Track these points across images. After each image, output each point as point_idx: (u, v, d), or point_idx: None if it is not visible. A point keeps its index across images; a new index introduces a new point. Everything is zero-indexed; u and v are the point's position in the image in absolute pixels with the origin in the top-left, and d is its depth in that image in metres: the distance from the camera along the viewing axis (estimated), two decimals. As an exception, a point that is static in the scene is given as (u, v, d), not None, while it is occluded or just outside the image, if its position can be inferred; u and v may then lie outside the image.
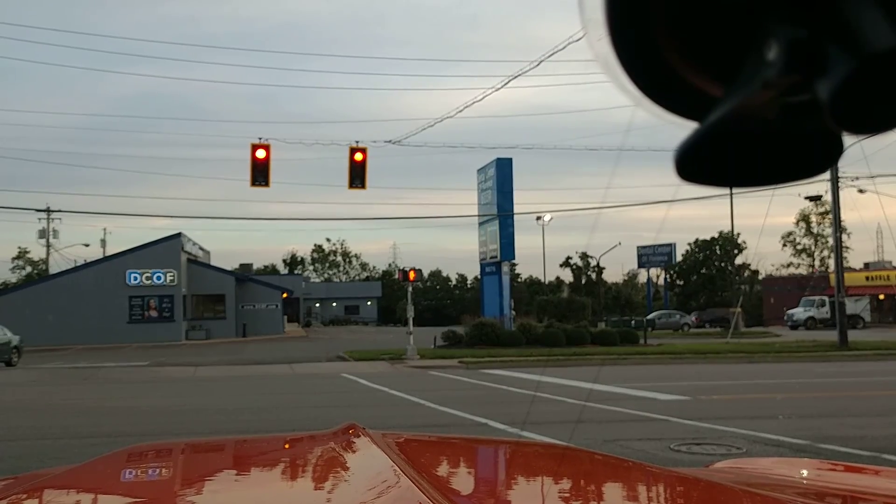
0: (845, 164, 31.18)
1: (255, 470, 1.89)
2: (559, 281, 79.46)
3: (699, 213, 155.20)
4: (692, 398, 13.69)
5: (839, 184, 30.56)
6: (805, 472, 2.04)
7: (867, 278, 61.50)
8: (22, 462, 7.95)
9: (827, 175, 29.69)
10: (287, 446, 2.20)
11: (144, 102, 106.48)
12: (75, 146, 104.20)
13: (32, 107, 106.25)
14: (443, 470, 1.80)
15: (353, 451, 1.78)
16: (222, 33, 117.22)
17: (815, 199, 41.77)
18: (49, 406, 13.93)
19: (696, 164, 0.60)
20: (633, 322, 43.83)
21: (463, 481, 1.74)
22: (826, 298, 53.83)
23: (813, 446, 8.61)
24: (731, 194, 41.89)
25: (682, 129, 0.60)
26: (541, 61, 26.22)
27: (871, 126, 0.54)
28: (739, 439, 9.17)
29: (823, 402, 13.31)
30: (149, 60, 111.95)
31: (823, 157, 0.60)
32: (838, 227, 31.33)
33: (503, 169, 33.78)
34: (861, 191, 35.37)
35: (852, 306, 43.59)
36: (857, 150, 27.73)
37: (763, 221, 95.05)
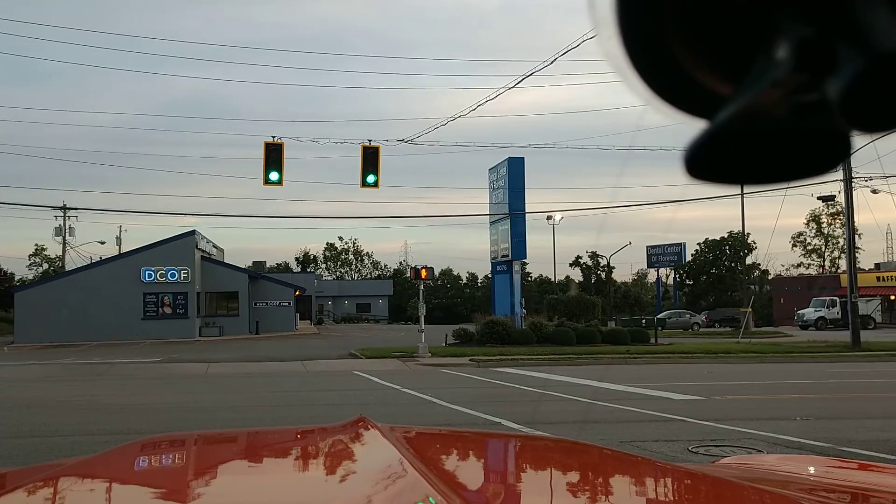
0: (858, 164, 30.96)
1: (266, 460, 1.92)
2: (568, 279, 79.32)
3: (710, 214, 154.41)
4: (706, 398, 13.54)
5: (853, 184, 30.30)
6: (811, 469, 2.04)
7: (878, 279, 61.05)
8: (31, 459, 7.95)
9: (840, 175, 29.47)
10: (298, 438, 2.23)
11: (164, 103, 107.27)
12: (93, 145, 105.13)
13: (52, 106, 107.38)
14: (450, 462, 1.81)
15: (363, 444, 1.80)
16: (239, 39, 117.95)
17: (829, 199, 41.43)
18: (61, 403, 13.89)
19: (705, 163, 0.61)
20: (643, 321, 43.64)
21: (470, 474, 1.75)
22: (837, 299, 53.46)
23: (835, 449, 8.31)
24: (742, 194, 41.67)
25: (691, 127, 0.61)
26: (555, 59, 26.14)
27: (881, 125, 0.55)
28: (758, 441, 8.96)
29: (840, 403, 13.10)
30: (170, 61, 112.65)
31: (831, 156, 0.61)
32: (852, 227, 31.01)
33: (515, 168, 33.65)
34: (874, 191, 35.13)
35: (863, 307, 43.23)
36: (871, 150, 27.51)
37: (775, 222, 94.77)
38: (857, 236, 55.22)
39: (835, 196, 37.92)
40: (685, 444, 8.79)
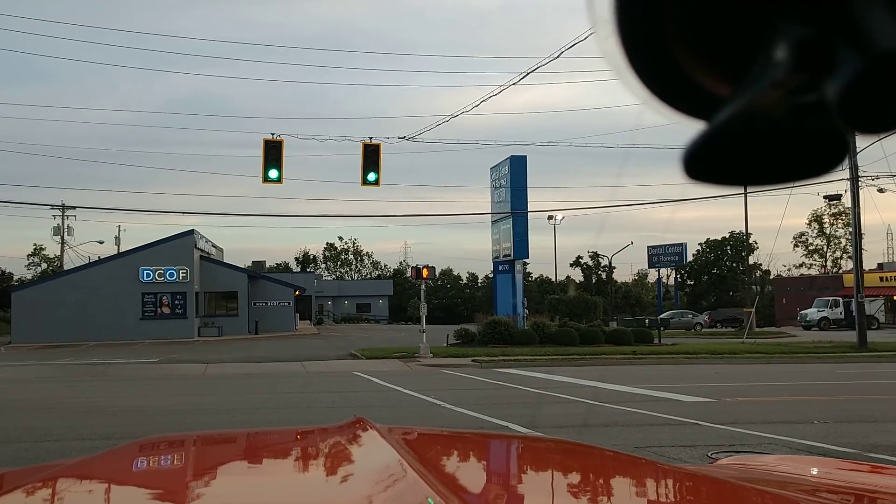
0: (865, 164, 30.90)
1: (264, 461, 1.92)
2: (568, 279, 79.33)
3: (711, 214, 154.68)
4: (717, 400, 13.29)
5: (859, 183, 30.18)
6: (809, 469, 2.05)
7: (881, 279, 61.09)
8: (15, 467, 7.75)
9: (846, 174, 29.39)
10: (296, 439, 2.23)
11: (163, 102, 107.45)
12: (92, 144, 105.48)
13: (52, 105, 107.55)
14: (450, 464, 1.81)
15: (361, 445, 1.80)
16: (239, 38, 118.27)
17: (835, 198, 41.42)
18: (55, 405, 13.60)
19: (703, 164, 0.60)
20: (647, 321, 43.66)
21: (470, 475, 1.74)
22: (840, 299, 53.56)
23: (861, 455, 7.96)
24: (746, 194, 41.66)
25: (690, 128, 0.60)
26: (560, 53, 26.13)
27: (879, 126, 0.54)
28: (780, 446, 8.59)
29: (856, 405, 12.78)
30: (170, 61, 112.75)
31: (830, 157, 0.60)
32: (858, 226, 30.75)
33: (517, 167, 33.60)
34: (881, 190, 35.10)
35: (867, 307, 43.22)
36: (878, 149, 27.46)
37: (780, 222, 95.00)
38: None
39: (841, 195, 37.93)
40: (703, 449, 8.49)
